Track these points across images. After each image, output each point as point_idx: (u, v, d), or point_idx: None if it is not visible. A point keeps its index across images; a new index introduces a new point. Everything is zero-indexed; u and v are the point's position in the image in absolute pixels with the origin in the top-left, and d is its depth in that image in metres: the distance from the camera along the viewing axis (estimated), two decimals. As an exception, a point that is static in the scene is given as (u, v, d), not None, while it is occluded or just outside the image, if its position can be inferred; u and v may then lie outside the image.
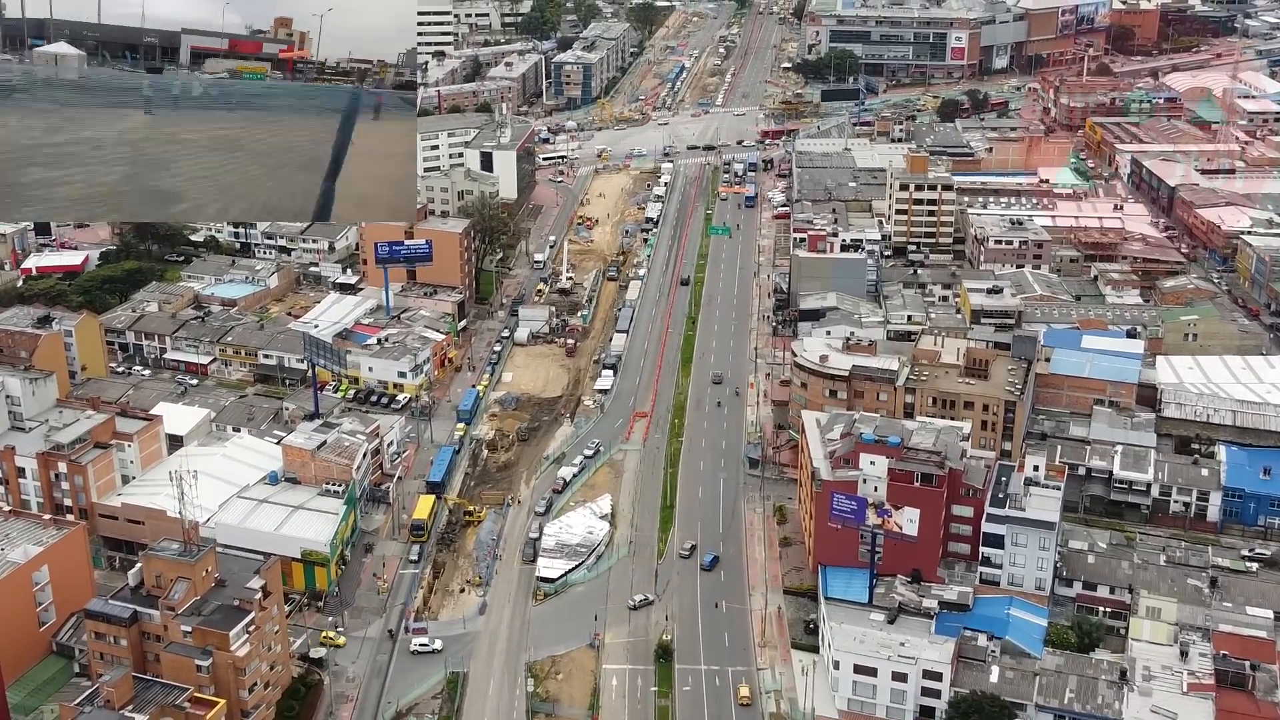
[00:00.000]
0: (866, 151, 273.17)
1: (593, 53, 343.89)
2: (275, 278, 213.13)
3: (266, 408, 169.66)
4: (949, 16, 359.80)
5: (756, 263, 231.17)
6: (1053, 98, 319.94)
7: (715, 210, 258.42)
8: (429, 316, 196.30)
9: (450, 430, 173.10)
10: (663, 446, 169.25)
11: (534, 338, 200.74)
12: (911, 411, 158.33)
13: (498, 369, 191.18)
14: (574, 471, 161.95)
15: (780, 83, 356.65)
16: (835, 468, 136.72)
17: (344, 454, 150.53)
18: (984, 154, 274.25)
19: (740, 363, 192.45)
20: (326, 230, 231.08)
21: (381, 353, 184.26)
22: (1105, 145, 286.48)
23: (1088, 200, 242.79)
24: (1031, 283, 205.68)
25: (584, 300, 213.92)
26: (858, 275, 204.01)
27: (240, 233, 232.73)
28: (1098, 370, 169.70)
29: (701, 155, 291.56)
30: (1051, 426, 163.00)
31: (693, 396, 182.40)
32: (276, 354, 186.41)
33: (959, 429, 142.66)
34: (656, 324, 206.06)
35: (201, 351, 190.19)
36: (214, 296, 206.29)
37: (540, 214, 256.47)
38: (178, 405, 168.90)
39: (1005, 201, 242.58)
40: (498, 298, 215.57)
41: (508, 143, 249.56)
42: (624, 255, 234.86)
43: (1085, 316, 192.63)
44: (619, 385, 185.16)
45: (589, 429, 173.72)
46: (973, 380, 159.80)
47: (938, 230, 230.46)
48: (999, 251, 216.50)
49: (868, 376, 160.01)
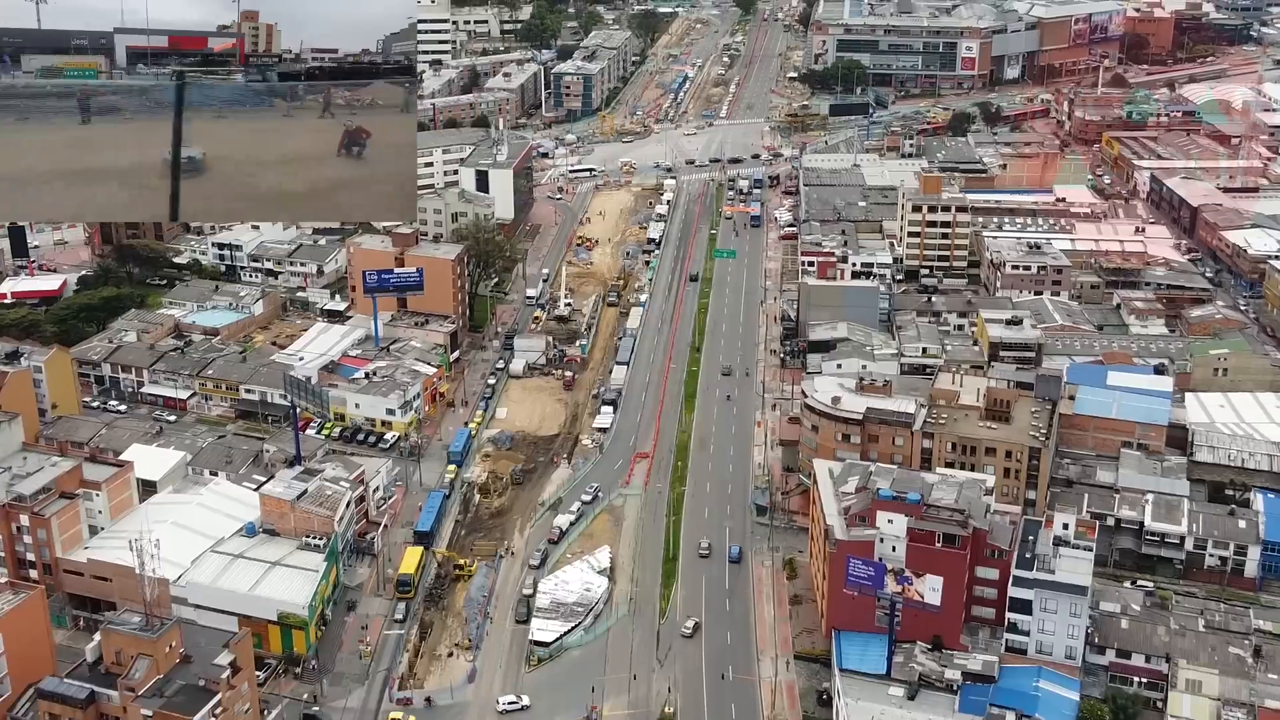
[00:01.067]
0: (876, 168, 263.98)
1: (593, 63, 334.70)
2: (260, 304, 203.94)
3: (246, 450, 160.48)
4: (959, 26, 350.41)
5: (763, 287, 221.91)
6: (1066, 111, 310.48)
7: (720, 230, 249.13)
8: (420, 348, 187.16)
9: (440, 473, 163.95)
10: (665, 491, 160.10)
11: (530, 369, 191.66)
12: (929, 458, 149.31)
13: (491, 404, 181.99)
14: (571, 520, 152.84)
15: (786, 93, 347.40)
16: (850, 526, 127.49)
17: (326, 504, 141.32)
18: (998, 171, 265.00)
19: (746, 397, 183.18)
20: (315, 253, 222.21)
21: (369, 388, 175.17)
22: (1122, 161, 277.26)
23: (1107, 221, 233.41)
24: (1051, 311, 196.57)
25: (583, 328, 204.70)
26: (869, 304, 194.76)
27: (225, 255, 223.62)
28: (1125, 411, 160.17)
29: (705, 171, 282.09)
30: (1077, 472, 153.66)
31: (696, 435, 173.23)
32: (259, 389, 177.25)
33: (982, 482, 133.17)
34: (659, 354, 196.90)
35: (180, 385, 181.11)
36: (195, 325, 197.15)
37: (539, 234, 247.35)
38: (152, 447, 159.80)
39: (1021, 222, 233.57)
40: (493, 325, 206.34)
41: (504, 160, 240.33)
42: (625, 279, 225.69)
43: (1109, 349, 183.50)
44: (619, 422, 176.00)
45: (587, 471, 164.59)
46: (994, 424, 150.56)
47: (952, 254, 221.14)
48: (1016, 277, 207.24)
49: (883, 420, 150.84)
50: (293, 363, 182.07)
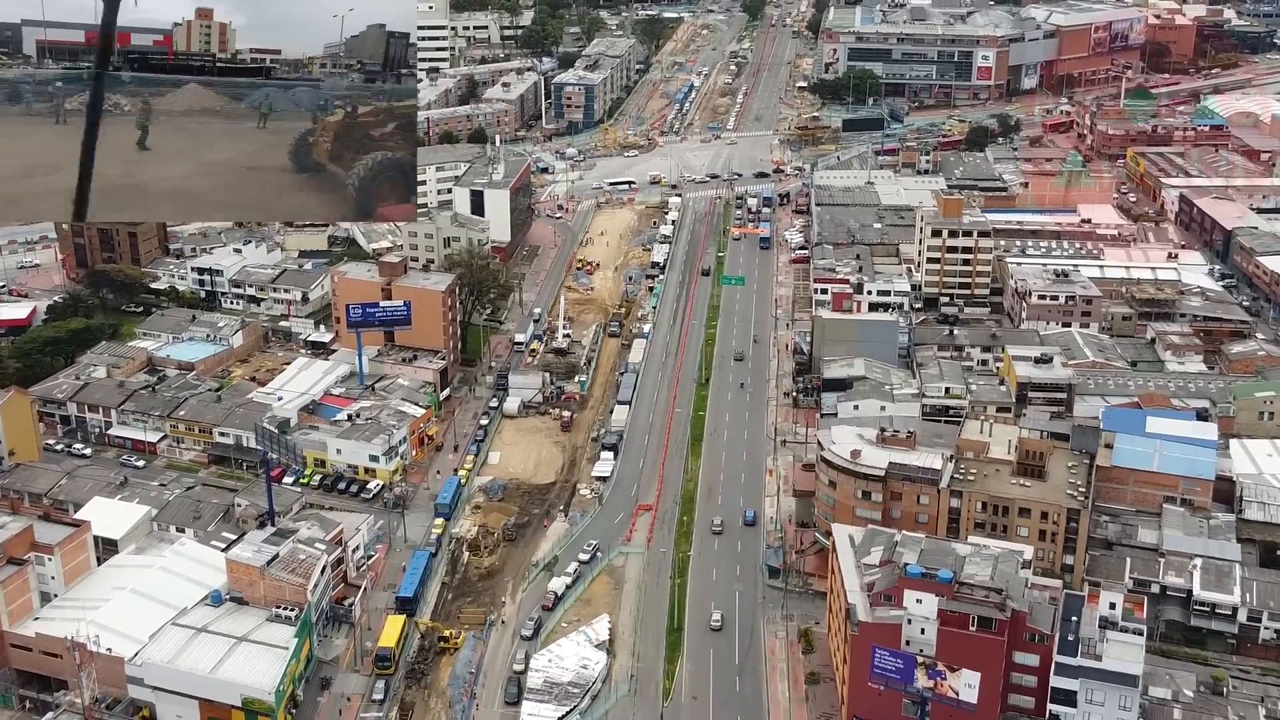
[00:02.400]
0: (891, 186, 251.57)
1: (595, 72, 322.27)
2: (239, 336, 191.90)
3: (215, 504, 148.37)
4: (975, 34, 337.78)
5: (774, 316, 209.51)
6: (1088, 124, 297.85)
7: (728, 252, 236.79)
8: (407, 386, 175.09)
9: (427, 527, 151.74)
10: (669, 550, 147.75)
11: (525, 408, 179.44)
12: (958, 519, 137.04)
13: (483, 448, 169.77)
14: (567, 583, 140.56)
15: (795, 104, 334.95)
16: (874, 605, 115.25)
17: (299, 570, 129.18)
18: (1019, 189, 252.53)
19: (757, 440, 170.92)
20: (299, 279, 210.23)
21: (352, 431, 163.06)
22: (1149, 179, 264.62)
23: (1137, 246, 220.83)
24: (1081, 346, 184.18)
25: (582, 362, 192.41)
26: (888, 339, 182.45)
27: (205, 280, 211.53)
28: (1168, 463, 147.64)
29: (711, 188, 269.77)
30: (1117, 531, 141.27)
31: (703, 484, 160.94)
32: (234, 432, 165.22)
33: (1018, 555, 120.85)
34: (663, 391, 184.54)
35: (150, 428, 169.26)
36: (169, 359, 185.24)
37: (537, 256, 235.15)
38: (114, 500, 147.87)
39: (1045, 246, 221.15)
40: (487, 358, 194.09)
41: (500, 180, 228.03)
42: (627, 307, 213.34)
43: (1145, 389, 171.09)
44: (620, 469, 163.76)
45: (585, 526, 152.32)
46: (1028, 482, 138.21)
47: (973, 281, 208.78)
48: (1043, 308, 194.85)
49: (907, 477, 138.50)
50: (271, 402, 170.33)
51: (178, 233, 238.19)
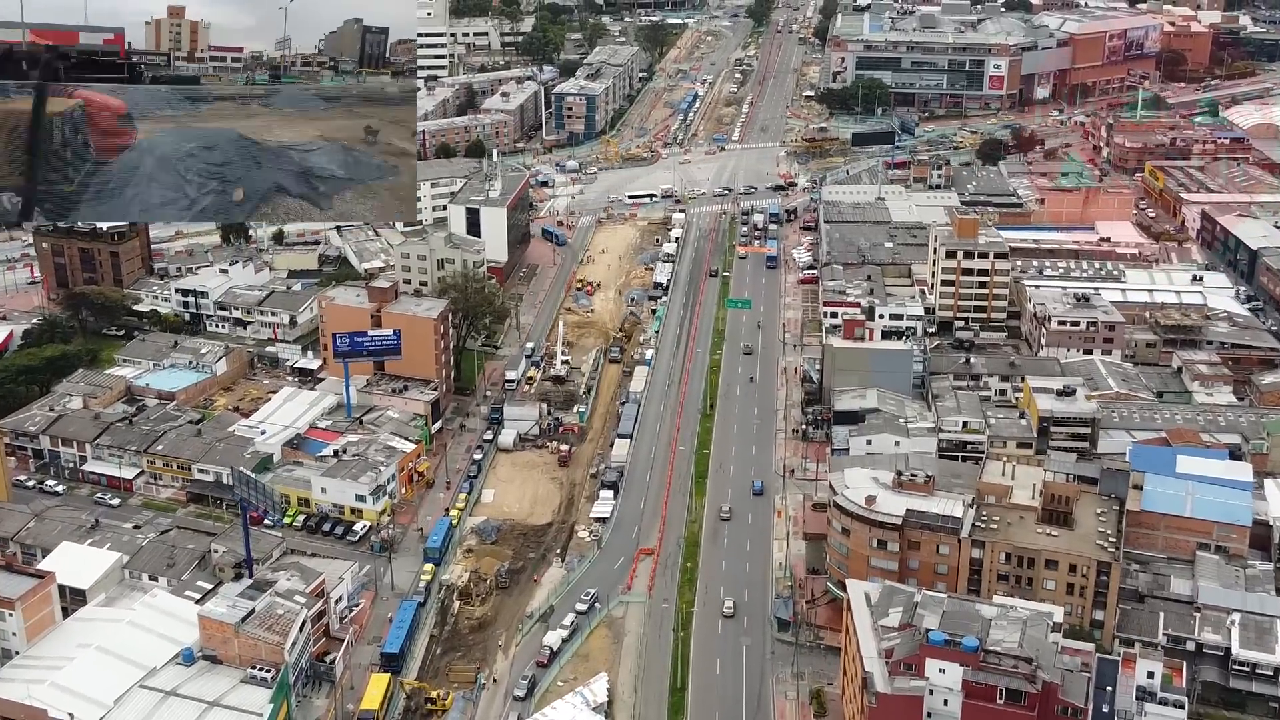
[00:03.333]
0: (902, 202, 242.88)
1: (597, 81, 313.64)
2: (223, 363, 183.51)
3: (191, 549, 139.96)
4: (987, 43, 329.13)
5: (781, 340, 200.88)
6: (1104, 136, 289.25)
7: (734, 272, 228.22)
8: (397, 419, 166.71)
9: (415, 574, 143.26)
10: (672, 599, 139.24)
11: (522, 441, 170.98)
12: (980, 570, 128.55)
13: (477, 485, 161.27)
14: (563, 636, 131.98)
15: (802, 114, 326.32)
16: (893, 674, 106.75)
17: (276, 627, 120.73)
18: (1034, 205, 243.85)
19: (764, 476, 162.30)
20: (287, 301, 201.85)
21: (338, 469, 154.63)
22: (1168, 194, 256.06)
23: (1159, 267, 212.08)
24: (1105, 375, 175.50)
25: (581, 390, 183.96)
26: (902, 369, 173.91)
27: (190, 302, 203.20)
28: (1201, 507, 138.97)
29: (716, 203, 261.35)
30: (1148, 582, 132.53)
31: (708, 526, 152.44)
32: (213, 469, 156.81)
33: (1048, 617, 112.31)
34: (666, 423, 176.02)
35: (126, 463, 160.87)
36: (149, 388, 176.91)
37: (535, 276, 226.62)
38: (84, 545, 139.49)
39: (1063, 267, 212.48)
40: (482, 386, 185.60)
41: (498, 198, 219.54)
42: (628, 330, 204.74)
43: (1173, 424, 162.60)
44: (620, 510, 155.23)
45: (583, 572, 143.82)
46: (1054, 530, 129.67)
47: (990, 304, 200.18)
48: (1064, 334, 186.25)
49: (925, 525, 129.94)
50: (253, 436, 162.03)
51: (164, 250, 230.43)
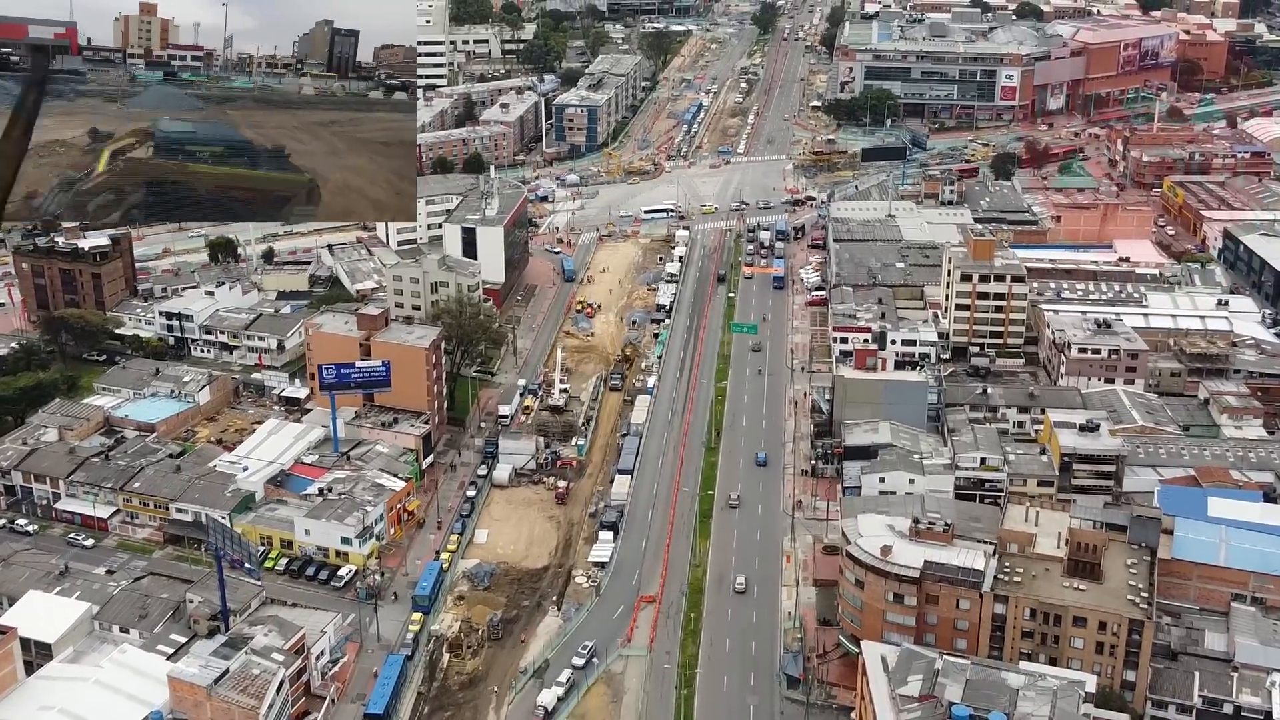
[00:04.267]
0: (914, 220, 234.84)
1: (599, 92, 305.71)
2: (206, 392, 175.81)
3: (165, 599, 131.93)
4: (999, 52, 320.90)
5: (788, 367, 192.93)
6: (1121, 150, 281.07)
7: (739, 292, 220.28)
8: (386, 455, 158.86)
9: (403, 623, 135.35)
10: (675, 652, 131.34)
11: (517, 476, 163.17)
12: (1002, 627, 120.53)
13: (470, 525, 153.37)
14: (559, 695, 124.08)
15: (809, 125, 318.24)
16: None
17: (251, 689, 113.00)
18: (1050, 223, 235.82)
19: (771, 517, 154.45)
20: (275, 325, 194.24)
21: (323, 508, 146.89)
22: (1188, 211, 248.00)
23: (1182, 290, 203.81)
24: (1128, 407, 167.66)
25: (580, 421, 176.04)
26: (916, 401, 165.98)
27: (174, 326, 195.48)
28: (1236, 556, 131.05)
29: (721, 219, 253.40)
30: (1180, 637, 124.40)
31: (713, 570, 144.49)
32: (192, 508, 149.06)
33: (1080, 687, 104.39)
34: (668, 457, 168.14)
35: (101, 501, 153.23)
36: (128, 419, 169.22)
37: (534, 297, 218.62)
38: (52, 594, 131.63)
39: (1081, 289, 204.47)
40: (476, 416, 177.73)
41: (495, 216, 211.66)
42: (630, 355, 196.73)
43: (1201, 460, 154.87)
44: (620, 553, 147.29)
45: (580, 622, 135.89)
46: (1082, 584, 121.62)
47: (1006, 330, 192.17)
48: (1084, 362, 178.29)
49: (944, 578, 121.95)
50: (235, 472, 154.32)
51: (150, 269, 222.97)
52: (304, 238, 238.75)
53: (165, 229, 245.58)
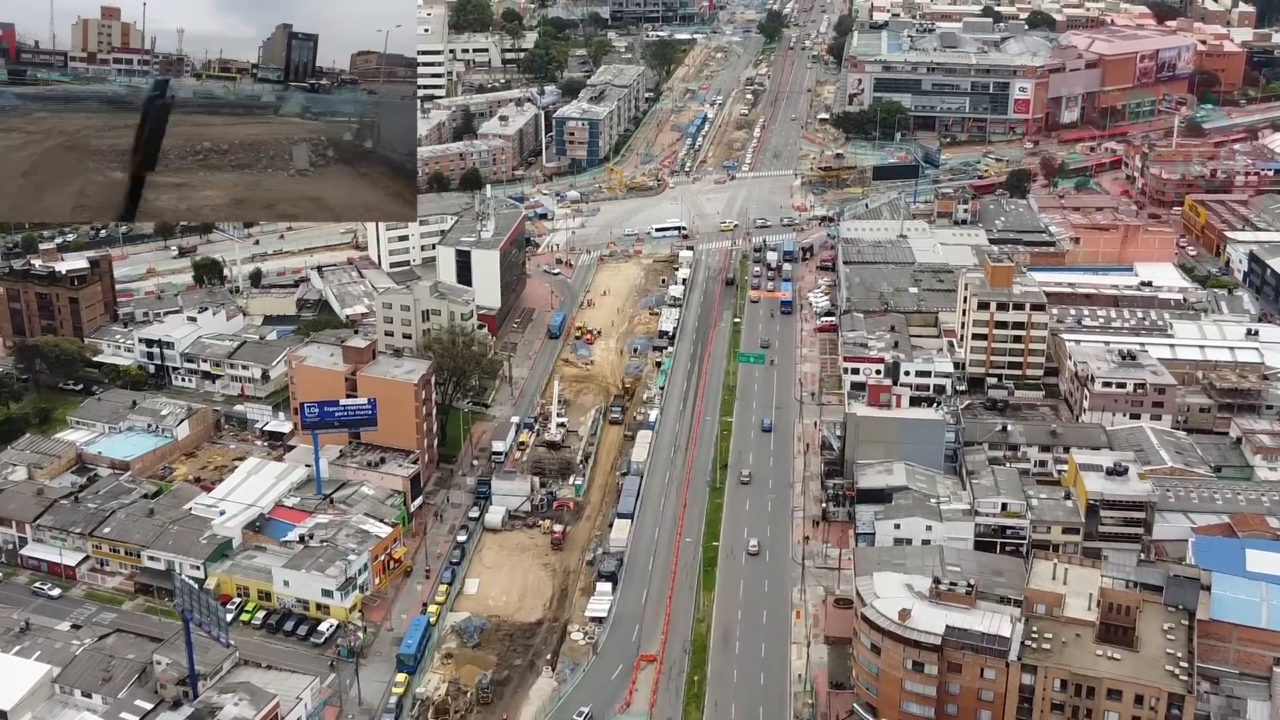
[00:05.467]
0: (926, 240, 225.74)
1: (601, 104, 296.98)
2: (185, 426, 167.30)
3: (131, 660, 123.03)
4: (1012, 64, 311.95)
5: (797, 399, 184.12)
6: (1139, 166, 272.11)
7: (745, 317, 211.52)
8: (372, 497, 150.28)
9: (387, 684, 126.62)
10: (677, 718, 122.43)
11: (511, 519, 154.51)
12: (1030, 699, 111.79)
13: (460, 573, 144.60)
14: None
15: (817, 138, 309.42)
16: None
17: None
18: (1069, 245, 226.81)
19: (780, 565, 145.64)
20: (260, 353, 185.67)
21: (303, 557, 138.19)
22: (1210, 231, 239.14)
23: (1210, 319, 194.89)
24: (1156, 446, 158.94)
25: (578, 458, 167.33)
26: (933, 441, 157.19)
27: (155, 353, 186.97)
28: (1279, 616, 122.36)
29: (727, 238, 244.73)
30: (1220, 706, 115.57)
31: (718, 625, 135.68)
32: (165, 556, 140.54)
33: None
34: (671, 498, 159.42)
35: (70, 546, 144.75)
36: (102, 456, 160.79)
37: (532, 322, 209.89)
38: (10, 655, 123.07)
39: (1103, 316, 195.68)
40: (468, 454, 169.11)
41: (491, 239, 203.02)
42: (631, 386, 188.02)
43: (1235, 505, 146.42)
44: (619, 606, 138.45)
45: (576, 684, 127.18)
46: (1116, 652, 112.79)
47: (1025, 361, 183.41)
48: (1108, 397, 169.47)
49: (968, 645, 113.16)
50: (211, 516, 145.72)
51: (133, 290, 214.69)
52: (294, 257, 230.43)
53: (150, 247, 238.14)
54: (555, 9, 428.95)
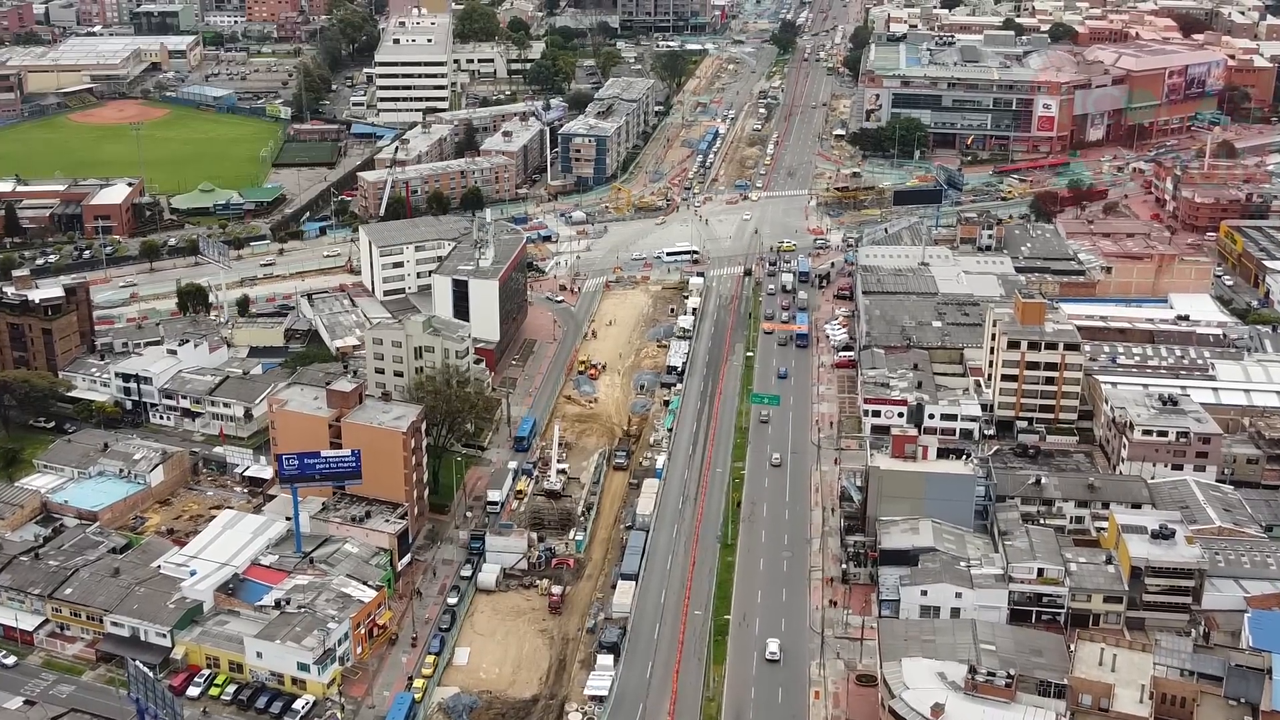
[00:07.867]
0: (949, 269, 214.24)
1: (609, 120, 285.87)
2: (159, 471, 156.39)
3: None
4: (1036, 80, 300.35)
5: (814, 443, 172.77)
6: (1171, 189, 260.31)
7: (758, 351, 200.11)
8: (356, 555, 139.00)
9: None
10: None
11: (506, 578, 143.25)
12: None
13: (449, 641, 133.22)
14: None
15: (833, 155, 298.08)
16: None
17: None
18: (1100, 274, 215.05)
19: (797, 635, 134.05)
20: (243, 390, 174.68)
21: (278, 626, 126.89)
22: (1248, 259, 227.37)
23: (1254, 359, 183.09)
24: (1203, 503, 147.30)
25: (579, 509, 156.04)
26: (962, 497, 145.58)
27: (131, 389, 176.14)
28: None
29: (739, 264, 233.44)
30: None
31: (729, 707, 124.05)
32: (129, 622, 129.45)
33: None
34: (679, 556, 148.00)
35: (28, 609, 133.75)
36: (68, 505, 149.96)
37: (533, 354, 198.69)
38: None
39: (1138, 355, 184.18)
40: (462, 505, 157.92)
41: (489, 267, 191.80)
42: (637, 428, 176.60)
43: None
44: (621, 682, 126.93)
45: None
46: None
47: (1058, 404, 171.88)
48: (1149, 446, 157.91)
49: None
50: (181, 576, 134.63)
51: (114, 316, 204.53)
52: (284, 282, 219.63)
53: (134, 269, 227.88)
54: (563, 18, 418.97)
